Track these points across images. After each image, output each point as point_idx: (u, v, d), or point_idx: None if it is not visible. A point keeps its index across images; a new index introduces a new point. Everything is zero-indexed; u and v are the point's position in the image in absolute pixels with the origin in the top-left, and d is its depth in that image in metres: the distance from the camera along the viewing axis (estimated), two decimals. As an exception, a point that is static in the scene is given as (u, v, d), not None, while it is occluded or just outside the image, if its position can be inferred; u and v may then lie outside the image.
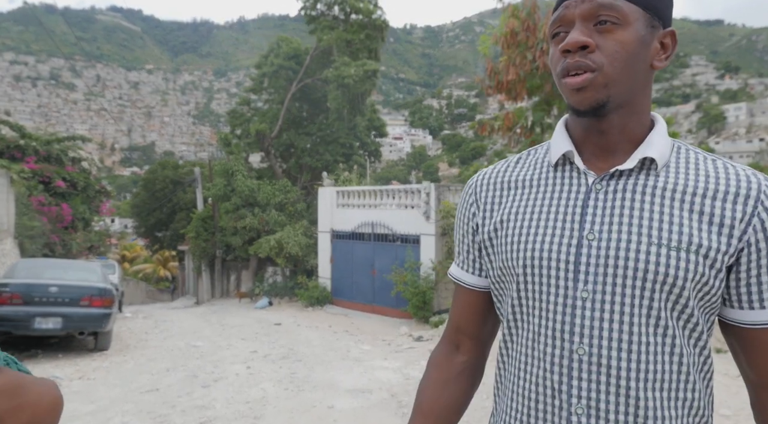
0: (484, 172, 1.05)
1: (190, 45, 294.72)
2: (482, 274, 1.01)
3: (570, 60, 0.84)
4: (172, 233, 29.83)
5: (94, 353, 8.42)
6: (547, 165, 0.96)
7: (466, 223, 1.03)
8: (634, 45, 0.83)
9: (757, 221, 0.82)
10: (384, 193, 14.11)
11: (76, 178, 23.55)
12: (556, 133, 0.96)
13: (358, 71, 17.89)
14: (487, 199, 1.00)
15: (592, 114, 0.86)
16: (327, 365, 7.09)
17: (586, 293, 0.84)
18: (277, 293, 17.26)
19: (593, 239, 0.85)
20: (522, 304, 0.91)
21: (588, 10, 0.84)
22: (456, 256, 1.08)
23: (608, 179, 0.88)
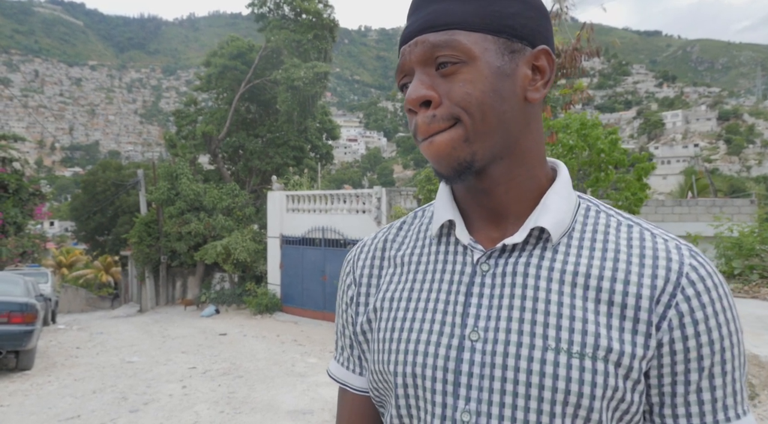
0: (363, 244, 0.82)
1: (137, 41, 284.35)
2: None
3: (419, 121, 0.65)
4: (114, 238, 28.49)
5: (14, 373, 7.74)
6: (429, 237, 0.75)
7: (345, 309, 0.80)
8: (488, 81, 0.63)
9: (674, 315, 0.61)
10: (335, 197, 13.84)
11: (7, 179, 22.10)
12: (439, 194, 0.75)
13: (309, 73, 17.48)
14: (363, 279, 0.78)
15: (458, 178, 0.66)
16: (269, 383, 6.74)
17: (467, 414, 0.63)
18: (225, 300, 16.65)
19: (477, 340, 0.64)
20: (403, 423, 0.69)
21: (423, 55, 0.65)
22: (336, 350, 0.84)
23: (497, 257, 0.67)
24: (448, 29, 0.63)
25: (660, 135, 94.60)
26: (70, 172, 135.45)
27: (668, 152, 77.86)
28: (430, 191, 11.23)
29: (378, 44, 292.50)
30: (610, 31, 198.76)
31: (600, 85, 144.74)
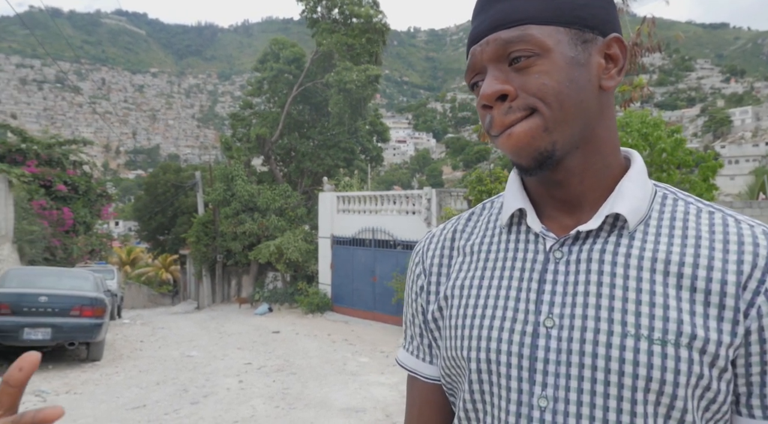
0: (432, 235, 0.84)
1: (194, 48, 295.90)
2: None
3: (495, 115, 0.65)
4: (173, 237, 29.73)
5: (86, 363, 8.23)
6: (499, 226, 0.76)
7: (415, 299, 0.82)
8: (564, 72, 0.64)
9: (763, 301, 0.60)
10: (385, 198, 13.92)
11: (78, 181, 23.49)
12: (509, 185, 0.76)
13: (360, 76, 17.68)
14: (434, 268, 0.80)
15: (538, 169, 0.66)
16: (322, 380, 6.87)
17: (544, 400, 0.64)
18: (277, 299, 17.06)
19: (552, 327, 0.65)
20: (476, 408, 0.70)
21: (495, 52, 0.66)
22: (405, 339, 0.86)
23: (570, 244, 0.67)
24: (520, 25, 0.64)
25: (727, 133, 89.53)
26: (133, 174, 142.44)
27: (736, 151, 73.57)
28: (481, 192, 11.10)
29: (427, 45, 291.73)
30: (672, 25, 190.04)
31: (660, 81, 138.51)
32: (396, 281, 12.26)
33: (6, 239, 15.41)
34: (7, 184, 16.16)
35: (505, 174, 11.68)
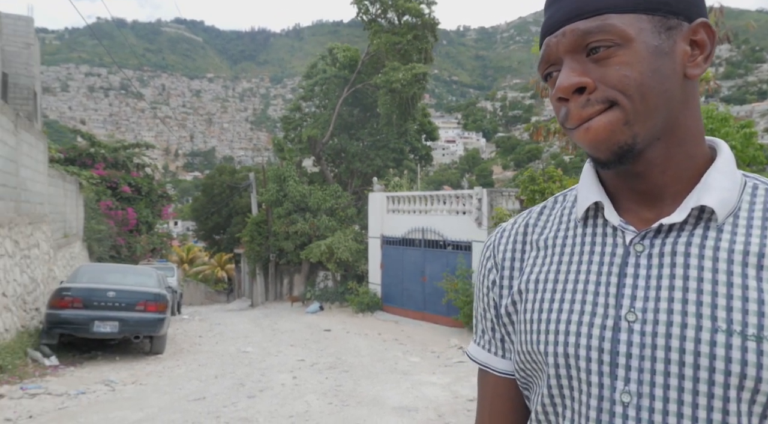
0: (502, 229, 0.84)
1: (248, 53, 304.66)
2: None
3: (572, 108, 0.64)
4: (229, 236, 30.71)
5: (149, 356, 8.64)
6: (574, 220, 0.75)
7: (486, 293, 0.82)
8: (647, 62, 0.62)
9: None
10: (434, 198, 13.87)
11: (141, 183, 24.72)
12: (583, 177, 0.74)
13: (407, 75, 17.66)
14: (506, 262, 0.79)
15: (617, 163, 0.65)
16: (374, 379, 6.92)
17: (627, 395, 0.62)
18: (328, 297, 17.31)
19: (634, 321, 0.63)
20: (555, 403, 0.70)
21: (573, 43, 0.65)
22: (476, 333, 0.86)
23: (652, 237, 0.66)
24: (599, 14, 0.62)
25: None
26: (191, 176, 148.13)
27: (811, 147, 68.46)
28: (534, 192, 10.87)
29: (477, 44, 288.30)
30: (741, 14, 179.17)
31: (727, 74, 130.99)
32: (446, 281, 12.19)
33: (77, 238, 16.38)
34: (78, 185, 17.19)
35: (559, 173, 11.38)
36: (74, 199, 16.44)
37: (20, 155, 9.67)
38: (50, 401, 5.71)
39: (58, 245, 12.48)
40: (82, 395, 6.02)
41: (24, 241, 9.25)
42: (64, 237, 13.95)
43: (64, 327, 7.83)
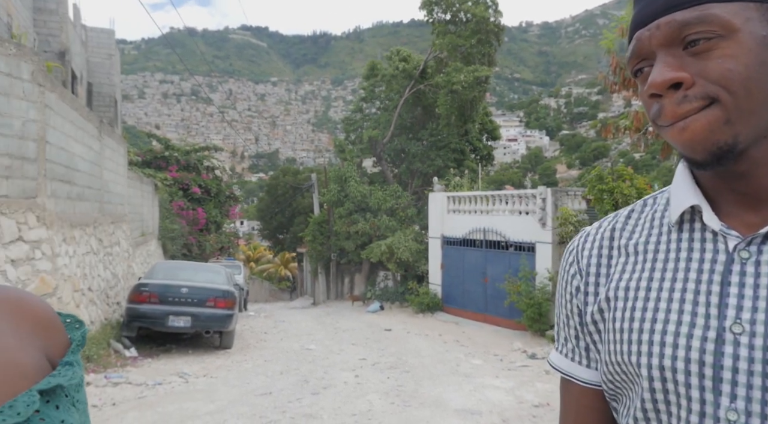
0: (586, 233, 0.80)
1: (310, 57, 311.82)
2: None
3: (666, 105, 0.60)
4: (292, 236, 31.56)
5: (219, 350, 9.02)
6: (667, 224, 0.70)
7: (569, 300, 0.78)
8: (754, 54, 0.57)
9: None
10: (496, 198, 13.62)
11: (210, 184, 25.88)
12: (677, 179, 0.70)
13: (468, 77, 17.45)
14: (591, 268, 0.75)
15: (716, 164, 0.60)
16: (435, 380, 6.89)
17: (734, 413, 0.58)
18: (388, 297, 17.40)
19: (741, 333, 0.58)
20: (648, 418, 0.66)
21: (668, 36, 0.60)
22: (558, 341, 0.82)
23: (759, 243, 0.60)
24: (699, 4, 0.58)
25: None
26: (256, 177, 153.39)
27: None
28: (602, 191, 10.43)
29: (540, 39, 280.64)
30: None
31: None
32: (508, 283, 11.94)
33: (153, 236, 17.35)
34: (153, 187, 18.22)
35: (630, 171, 10.87)
36: (150, 200, 17.43)
37: (103, 159, 10.37)
38: (131, 390, 6.08)
39: (136, 243, 13.28)
40: (159, 385, 6.37)
41: (107, 239, 9.90)
42: (142, 236, 14.82)
43: (142, 321, 8.32)
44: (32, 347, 0.57)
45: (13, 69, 6.16)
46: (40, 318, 0.60)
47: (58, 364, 0.58)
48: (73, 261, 7.58)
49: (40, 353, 0.57)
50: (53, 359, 0.59)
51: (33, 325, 0.59)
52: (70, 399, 0.57)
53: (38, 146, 6.60)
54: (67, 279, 7.14)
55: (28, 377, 0.53)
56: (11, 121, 6.11)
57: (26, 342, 0.57)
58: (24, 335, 0.57)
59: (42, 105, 6.73)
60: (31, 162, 6.43)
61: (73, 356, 0.60)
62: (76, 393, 0.59)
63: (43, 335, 0.59)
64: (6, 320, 0.57)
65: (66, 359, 0.59)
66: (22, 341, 0.56)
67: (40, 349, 0.58)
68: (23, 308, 0.59)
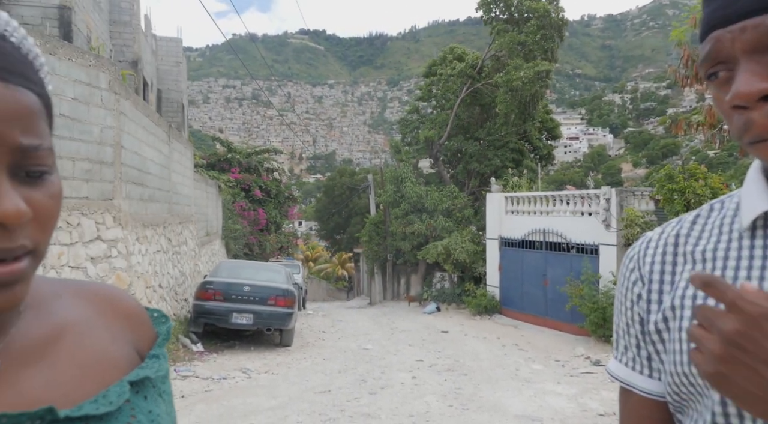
0: (648, 239, 0.76)
1: (366, 58, 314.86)
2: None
3: (757, 119, 0.54)
4: (348, 236, 31.99)
5: (279, 348, 9.26)
6: (738, 230, 0.66)
7: (630, 307, 0.75)
8: None
9: None
10: (557, 198, 13.23)
11: (270, 186, 26.67)
12: (749, 182, 0.65)
13: (528, 73, 17.01)
14: (654, 275, 0.72)
15: None
16: (494, 384, 6.76)
17: None
18: (445, 299, 17.28)
19: None
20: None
21: (757, 42, 0.54)
22: (617, 349, 0.79)
23: None
24: None
25: None
26: (313, 178, 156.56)
27: None
28: (672, 191, 9.90)
29: (603, 33, 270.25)
30: None
31: None
32: (570, 286, 11.56)
33: (217, 236, 18.07)
34: (217, 188, 18.97)
35: (703, 170, 10.26)
36: (214, 201, 18.15)
37: (172, 162, 10.89)
38: (198, 383, 6.35)
39: (202, 242, 13.87)
40: (224, 380, 6.62)
41: (175, 238, 10.40)
42: (207, 235, 15.46)
43: (208, 317, 8.67)
44: (123, 341, 0.60)
45: (92, 79, 6.59)
46: (130, 313, 0.64)
47: (146, 356, 0.62)
48: (145, 259, 8.00)
49: (130, 346, 0.61)
50: (141, 352, 0.62)
51: (123, 319, 0.62)
52: (157, 390, 0.60)
53: (114, 151, 7.02)
54: (140, 276, 7.55)
55: (119, 369, 0.57)
56: (91, 128, 6.53)
57: (117, 336, 0.60)
58: (115, 329, 0.61)
59: (118, 112, 7.16)
60: (108, 166, 6.85)
61: (159, 349, 0.64)
62: (162, 385, 0.62)
63: (133, 329, 0.63)
64: (99, 315, 0.61)
65: (153, 352, 0.62)
66: (114, 334, 0.60)
67: (129, 342, 0.61)
68: (115, 304, 0.63)
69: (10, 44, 0.48)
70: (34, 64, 0.51)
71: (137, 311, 0.65)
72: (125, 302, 0.65)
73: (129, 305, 0.65)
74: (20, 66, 0.48)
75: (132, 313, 0.64)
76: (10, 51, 0.48)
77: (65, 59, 6.13)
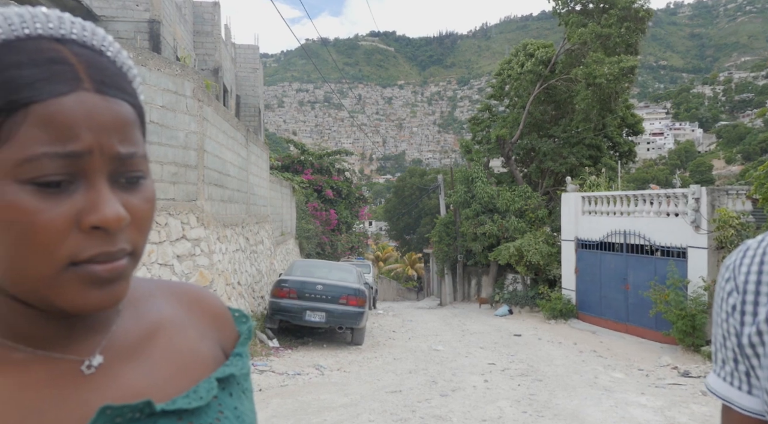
0: (746, 247, 0.71)
1: (436, 58, 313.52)
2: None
3: None
4: (418, 237, 31.99)
5: (350, 347, 9.40)
6: None
7: (726, 318, 0.71)
8: None
9: None
10: (639, 198, 12.50)
11: (341, 186, 27.23)
12: None
13: (613, 69, 16.10)
14: (749, 285, 0.67)
15: None
16: (570, 391, 6.49)
17: None
18: (517, 301, 16.84)
19: None
20: None
21: None
22: (716, 362, 0.74)
23: None
24: None
25: None
26: (383, 179, 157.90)
27: None
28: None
29: (692, 21, 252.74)
30: None
31: None
32: (654, 291, 10.87)
33: (291, 235, 18.65)
34: (291, 189, 19.58)
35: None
36: (288, 202, 18.75)
37: (249, 164, 11.37)
38: (274, 378, 6.57)
39: (277, 241, 14.36)
40: (298, 376, 6.81)
41: (252, 238, 10.84)
42: (281, 235, 16.00)
43: (283, 314, 8.95)
44: (209, 339, 0.63)
45: (178, 87, 7.00)
46: (215, 312, 0.67)
47: (230, 355, 0.64)
48: (225, 257, 8.40)
49: (216, 344, 0.64)
50: (226, 350, 0.65)
51: (210, 319, 0.65)
52: (241, 387, 0.62)
53: (198, 155, 7.42)
54: (221, 274, 7.93)
55: (207, 366, 0.60)
56: (177, 134, 6.94)
57: (205, 334, 0.63)
58: (203, 328, 0.64)
59: (201, 118, 7.56)
60: (192, 169, 7.25)
61: (242, 347, 0.66)
62: (245, 382, 0.64)
63: (218, 328, 0.65)
64: (189, 314, 0.64)
65: (236, 351, 0.65)
66: (202, 333, 0.63)
67: (215, 341, 0.64)
68: (202, 304, 0.66)
69: (106, 58, 0.52)
70: (128, 76, 0.54)
71: (222, 311, 0.68)
72: (212, 302, 0.68)
73: (215, 305, 0.68)
74: (116, 78, 0.52)
75: (218, 313, 0.67)
76: (106, 65, 0.51)
77: (155, 70, 6.56)
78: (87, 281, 0.49)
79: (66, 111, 0.47)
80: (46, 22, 0.49)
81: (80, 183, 0.48)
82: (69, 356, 0.53)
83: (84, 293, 0.49)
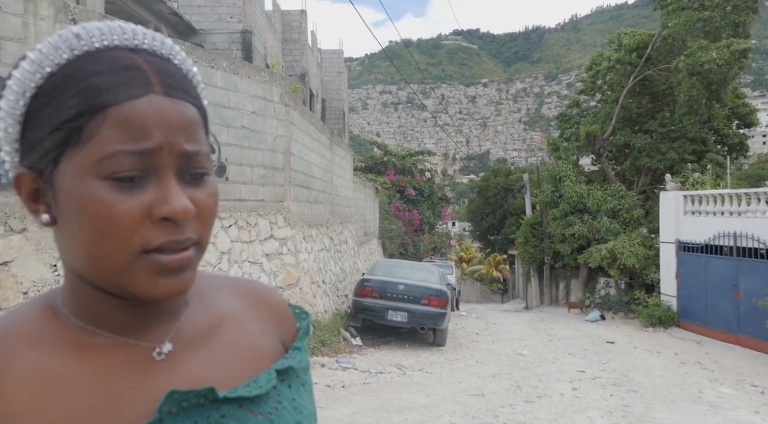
0: None
1: (521, 54, 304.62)
2: None
3: None
4: (503, 238, 31.15)
5: (432, 347, 9.35)
6: None
7: None
8: None
9: None
10: (752, 197, 11.35)
11: (424, 186, 27.23)
12: None
13: (722, 54, 14.65)
14: None
15: None
16: (670, 405, 6.01)
17: None
18: (610, 307, 15.90)
19: None
20: None
21: None
22: None
23: None
24: None
25: None
26: (467, 179, 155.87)
27: None
28: None
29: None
30: None
31: None
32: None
33: (374, 236, 18.92)
34: (374, 190, 19.86)
35: None
36: (372, 202, 19.03)
37: (333, 166, 11.66)
38: (357, 375, 6.68)
39: (360, 241, 14.62)
40: (381, 374, 6.87)
41: (336, 238, 11.11)
42: (365, 235, 16.27)
43: (366, 313, 9.08)
44: (270, 333, 0.67)
45: (267, 93, 7.33)
46: (276, 308, 0.70)
47: (290, 348, 0.67)
48: (311, 256, 8.67)
49: (276, 338, 0.67)
50: (285, 344, 0.68)
51: (270, 314, 0.69)
52: (300, 380, 0.65)
53: (285, 157, 7.72)
54: (306, 272, 8.20)
55: (267, 358, 0.63)
56: (266, 138, 7.27)
57: (265, 328, 0.67)
58: (264, 322, 0.67)
59: (288, 122, 7.86)
60: (279, 171, 7.56)
61: (300, 342, 0.69)
62: (304, 375, 0.66)
63: (278, 323, 0.69)
64: (251, 309, 0.67)
65: (295, 345, 0.68)
66: (262, 327, 0.66)
67: (275, 334, 0.67)
68: (264, 299, 0.70)
69: (174, 65, 0.57)
70: (192, 81, 0.59)
71: (282, 307, 0.71)
72: (273, 298, 0.72)
73: (276, 301, 0.72)
74: (182, 83, 0.57)
75: (278, 308, 0.71)
76: (174, 71, 0.56)
77: (246, 77, 6.91)
78: (156, 270, 0.53)
79: (139, 112, 0.52)
80: (122, 34, 0.55)
81: (151, 178, 0.53)
82: (142, 342, 0.58)
83: (154, 280, 0.53)
